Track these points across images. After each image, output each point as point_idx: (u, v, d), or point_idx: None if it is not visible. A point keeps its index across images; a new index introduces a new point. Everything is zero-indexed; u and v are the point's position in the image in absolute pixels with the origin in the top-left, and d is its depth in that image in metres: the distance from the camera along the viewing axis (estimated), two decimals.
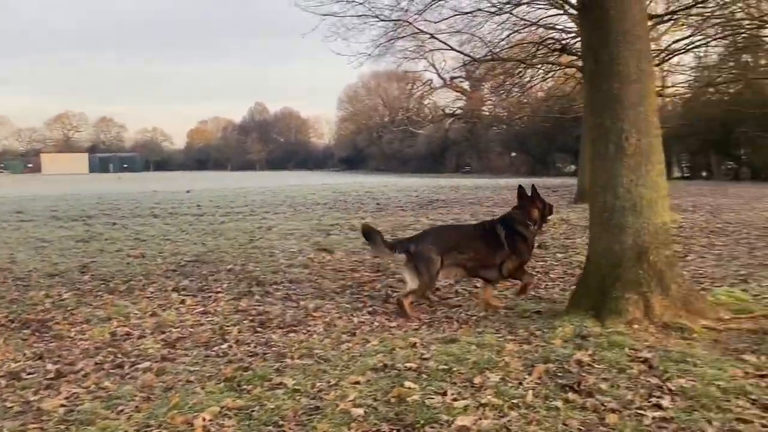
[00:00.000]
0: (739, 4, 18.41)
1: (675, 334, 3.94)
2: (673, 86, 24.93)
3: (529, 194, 5.36)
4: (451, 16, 12.95)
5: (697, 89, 25.90)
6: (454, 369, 3.39)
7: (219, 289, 6.20)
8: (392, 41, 13.35)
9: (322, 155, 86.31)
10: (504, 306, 5.16)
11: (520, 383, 3.20)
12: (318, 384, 3.34)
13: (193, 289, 6.27)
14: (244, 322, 4.98)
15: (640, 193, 4.35)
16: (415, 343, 4.03)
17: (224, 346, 4.33)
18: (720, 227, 10.40)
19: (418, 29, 13.26)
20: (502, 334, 4.20)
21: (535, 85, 21.41)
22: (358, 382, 3.31)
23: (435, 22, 13.01)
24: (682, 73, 24.79)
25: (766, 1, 17.96)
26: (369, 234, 5.35)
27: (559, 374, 3.30)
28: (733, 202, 15.66)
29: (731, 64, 25.54)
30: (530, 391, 3.07)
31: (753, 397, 2.95)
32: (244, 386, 3.38)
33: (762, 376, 3.20)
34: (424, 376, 3.34)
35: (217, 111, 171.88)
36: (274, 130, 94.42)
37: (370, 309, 5.40)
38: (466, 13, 12.90)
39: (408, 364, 3.53)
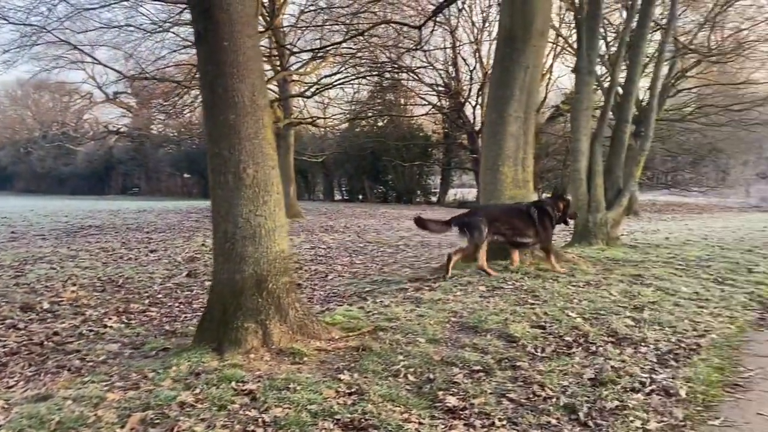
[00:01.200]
0: (381, 48, 21.25)
1: (287, 360, 4.06)
2: (331, 117, 27.51)
3: (559, 195, 7.77)
4: (97, 29, 11.86)
5: (351, 121, 29.00)
6: None
7: None
8: (23, 49, 11.57)
9: None
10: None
11: None
12: None
13: None
14: None
15: (258, 222, 4.44)
16: None
17: None
18: (362, 246, 11.57)
19: (59, 38, 11.79)
20: (112, 381, 3.80)
21: (199, 106, 21.21)
22: None
23: (78, 33, 11.75)
24: (337, 106, 27.58)
25: (402, 48, 20.99)
26: (422, 223, 7.31)
27: (157, 422, 3.07)
28: (378, 222, 17.69)
29: (378, 101, 29.34)
30: None
31: (338, 417, 3.14)
32: None
33: (350, 394, 3.46)
34: None
35: None
36: None
37: None
38: (116, 27, 11.99)
39: None
